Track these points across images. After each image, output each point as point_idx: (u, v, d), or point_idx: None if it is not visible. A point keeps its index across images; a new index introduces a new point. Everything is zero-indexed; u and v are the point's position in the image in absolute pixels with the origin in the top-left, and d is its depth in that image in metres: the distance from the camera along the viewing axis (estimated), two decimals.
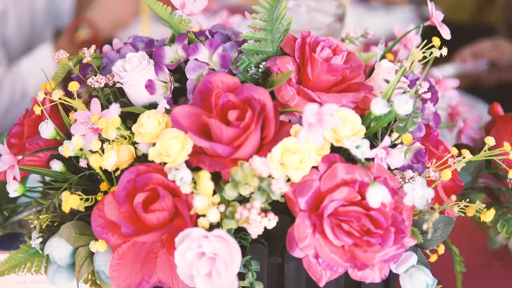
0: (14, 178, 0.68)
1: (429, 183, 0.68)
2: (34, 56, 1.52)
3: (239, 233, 0.67)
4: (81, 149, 0.63)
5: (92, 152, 0.64)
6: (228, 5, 1.89)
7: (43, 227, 0.69)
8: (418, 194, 0.60)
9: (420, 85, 0.65)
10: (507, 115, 0.77)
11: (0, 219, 0.76)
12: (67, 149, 0.63)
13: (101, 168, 0.65)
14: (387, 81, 0.66)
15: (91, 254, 0.68)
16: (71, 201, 0.61)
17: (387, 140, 0.63)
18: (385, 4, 2.02)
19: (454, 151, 0.69)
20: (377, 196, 0.59)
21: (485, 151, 0.69)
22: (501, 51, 1.51)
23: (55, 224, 0.70)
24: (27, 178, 0.81)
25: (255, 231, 0.61)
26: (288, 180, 0.62)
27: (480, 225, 0.93)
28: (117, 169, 0.67)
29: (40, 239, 0.69)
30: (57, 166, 0.70)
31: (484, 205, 0.67)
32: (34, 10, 1.66)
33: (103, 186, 0.68)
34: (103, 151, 0.64)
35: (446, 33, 0.75)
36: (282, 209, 0.65)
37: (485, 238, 0.83)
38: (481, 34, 1.78)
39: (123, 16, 1.62)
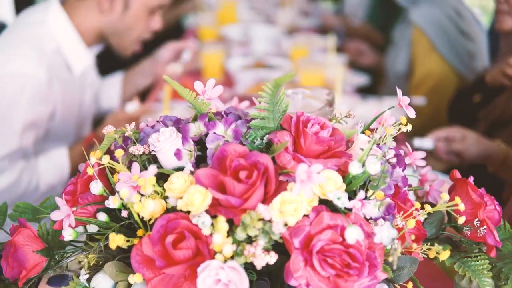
0: (70, 225, 0.86)
1: (398, 230, 0.86)
2: (51, 159, 1.74)
3: (247, 271, 0.84)
4: (122, 203, 0.82)
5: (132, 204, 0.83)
6: (236, 94, 2.13)
7: (90, 265, 0.87)
8: (385, 234, 0.78)
9: (387, 151, 0.84)
10: (462, 178, 0.96)
11: (52, 262, 0.93)
12: (115, 199, 0.82)
13: (139, 216, 0.83)
14: (362, 149, 0.85)
15: (129, 286, 0.85)
16: (117, 239, 0.79)
17: (361, 194, 0.82)
18: (378, 96, 2.28)
19: (418, 205, 0.88)
20: (353, 234, 0.77)
21: (440, 204, 0.87)
22: (467, 146, 1.70)
23: (99, 264, 0.88)
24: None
25: (259, 263, 0.78)
26: (285, 224, 0.80)
27: (448, 273, 1.09)
28: (149, 219, 0.85)
29: (87, 276, 0.87)
30: (103, 217, 0.88)
31: (441, 247, 0.84)
32: (82, 104, 1.90)
33: (140, 232, 0.86)
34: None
35: (411, 114, 0.95)
36: (281, 251, 0.83)
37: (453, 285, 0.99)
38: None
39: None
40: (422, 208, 0.88)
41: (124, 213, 0.86)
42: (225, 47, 2.81)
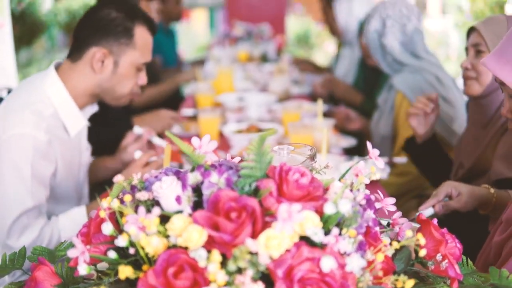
0: (84, 261, 0.99)
1: (369, 263, 0.99)
2: (71, 216, 1.89)
3: None
4: (130, 241, 0.96)
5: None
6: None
7: None
8: (355, 263, 0.91)
9: (357, 195, 0.98)
10: (427, 219, 1.10)
11: None
12: (126, 236, 0.95)
13: (143, 250, 0.96)
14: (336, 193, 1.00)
15: None
16: (126, 271, 0.92)
17: (335, 231, 0.95)
18: (364, 157, 2.42)
19: (386, 241, 1.01)
20: (327, 264, 0.90)
21: (405, 240, 1.00)
22: (462, 204, 1.79)
23: None
24: None
25: None
26: (270, 257, 0.94)
27: None
28: (153, 256, 0.99)
29: None
30: (112, 254, 1.01)
31: (406, 277, 0.97)
32: (80, 165, 2.06)
33: (145, 267, 0.99)
34: None
35: (380, 164, 1.10)
36: (267, 281, 0.95)
37: None
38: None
39: None
40: (391, 244, 1.02)
41: (132, 250, 0.99)
42: (221, 113, 2.99)
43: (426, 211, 1.78)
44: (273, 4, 7.32)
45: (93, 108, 2.06)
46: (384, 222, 1.32)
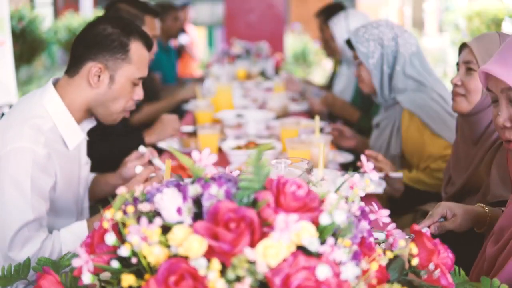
0: (88, 270, 1.02)
1: (364, 272, 1.02)
2: (72, 230, 1.92)
3: None
4: (133, 251, 0.99)
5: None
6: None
7: None
8: (350, 271, 0.95)
9: (352, 206, 1.02)
10: (419, 230, 1.14)
11: None
12: (128, 245, 0.99)
13: (145, 259, 1.00)
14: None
15: None
16: (129, 279, 0.96)
17: (331, 240, 0.99)
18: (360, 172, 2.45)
19: (380, 251, 1.05)
20: (323, 272, 0.94)
21: (399, 250, 1.04)
22: (457, 225, 1.80)
23: None
24: None
25: None
26: (268, 266, 0.97)
27: None
28: (154, 265, 1.02)
29: None
30: (115, 264, 1.04)
31: (400, 285, 1.01)
32: (80, 179, 2.10)
33: (147, 276, 1.02)
34: None
35: (374, 177, 1.14)
36: None
37: None
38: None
39: None
40: (385, 254, 1.05)
41: (134, 260, 1.02)
42: (220, 129, 3.03)
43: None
44: (272, 22, 7.39)
45: (92, 123, 2.10)
46: (380, 235, 1.35)
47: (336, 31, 3.96)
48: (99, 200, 2.32)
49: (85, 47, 1.98)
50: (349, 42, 2.84)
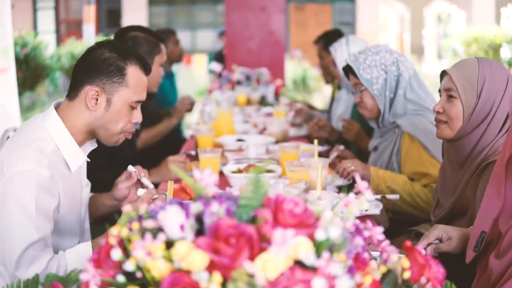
0: (95, 285, 1.07)
1: (358, 286, 1.07)
2: (77, 251, 1.97)
3: None
4: (138, 265, 1.04)
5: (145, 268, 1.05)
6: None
7: None
8: (344, 284, 1.00)
9: (346, 223, 1.07)
10: (411, 246, 1.19)
11: None
12: (133, 260, 1.04)
13: (149, 274, 1.05)
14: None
15: None
16: None
17: (326, 255, 1.04)
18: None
19: (374, 265, 1.10)
20: (318, 284, 0.99)
21: (391, 264, 1.09)
22: (452, 248, 1.85)
23: None
24: None
25: None
26: (267, 279, 1.02)
27: None
28: (158, 279, 1.07)
29: None
30: (121, 278, 1.09)
31: None
32: (82, 200, 2.16)
33: None
34: None
35: (369, 196, 1.20)
36: None
37: None
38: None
39: None
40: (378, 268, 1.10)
41: (139, 274, 1.07)
42: (221, 153, 3.09)
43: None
44: (272, 49, 7.48)
45: (93, 145, 2.16)
46: (376, 254, 1.40)
47: (337, 56, 4.04)
48: (96, 220, 2.38)
49: (83, 72, 2.06)
50: (345, 69, 2.91)
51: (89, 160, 2.18)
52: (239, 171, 2.89)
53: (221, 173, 2.92)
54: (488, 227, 1.66)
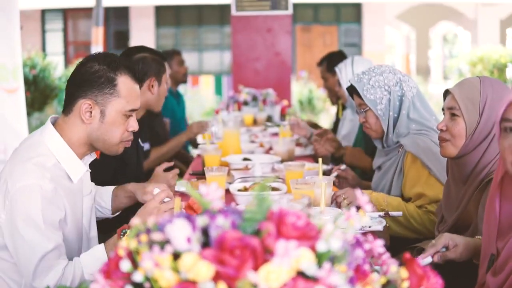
0: None
1: None
2: (92, 254, 2.02)
3: None
4: (146, 276, 1.09)
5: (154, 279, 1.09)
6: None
7: None
8: None
9: (346, 235, 1.12)
10: (411, 257, 1.23)
11: None
12: (142, 271, 1.08)
13: (157, 285, 1.09)
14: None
15: None
16: None
17: (326, 265, 1.08)
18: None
19: (374, 276, 1.14)
20: None
21: (390, 274, 1.13)
22: (458, 255, 1.89)
23: None
24: None
25: None
26: None
27: None
28: None
29: None
30: None
31: None
32: (85, 210, 2.21)
33: None
34: None
35: (368, 209, 1.24)
36: None
37: None
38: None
39: None
40: None
41: (147, 285, 1.12)
42: (228, 172, 3.13)
43: (425, 259, 1.90)
44: (278, 70, 7.56)
45: (92, 157, 2.22)
46: (379, 268, 1.44)
47: (343, 77, 4.09)
48: (103, 230, 2.43)
49: (76, 86, 2.12)
50: (349, 89, 2.95)
51: (90, 170, 2.23)
52: (245, 189, 2.93)
53: (227, 191, 2.96)
54: (495, 249, 1.70)
